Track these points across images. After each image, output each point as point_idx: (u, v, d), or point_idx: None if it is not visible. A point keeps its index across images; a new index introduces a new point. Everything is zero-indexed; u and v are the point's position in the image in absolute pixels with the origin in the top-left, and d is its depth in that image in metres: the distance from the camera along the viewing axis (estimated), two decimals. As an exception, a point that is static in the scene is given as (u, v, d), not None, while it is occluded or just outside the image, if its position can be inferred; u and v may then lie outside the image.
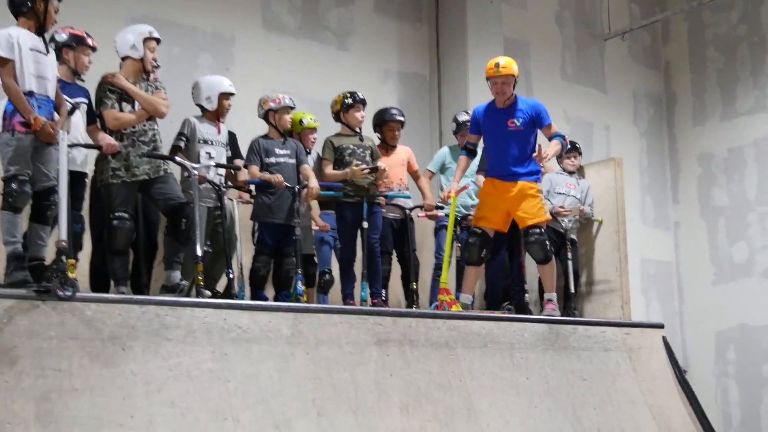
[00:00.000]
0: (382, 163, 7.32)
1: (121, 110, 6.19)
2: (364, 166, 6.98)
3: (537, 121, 6.96)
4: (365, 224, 7.04)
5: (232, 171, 6.90)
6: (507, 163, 6.86)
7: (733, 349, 11.52)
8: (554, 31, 11.58)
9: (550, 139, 6.89)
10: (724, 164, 11.97)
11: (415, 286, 7.44)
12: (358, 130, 7.28)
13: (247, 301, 6.07)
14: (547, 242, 6.93)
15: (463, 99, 9.83)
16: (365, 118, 7.48)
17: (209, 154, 6.74)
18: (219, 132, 6.86)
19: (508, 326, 6.64)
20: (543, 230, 6.93)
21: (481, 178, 7.34)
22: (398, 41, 10.17)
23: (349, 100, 7.23)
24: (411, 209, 7.64)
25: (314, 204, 7.52)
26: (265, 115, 7.11)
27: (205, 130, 6.81)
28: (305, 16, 9.50)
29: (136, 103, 6.23)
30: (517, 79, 7.03)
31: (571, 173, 8.44)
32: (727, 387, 11.39)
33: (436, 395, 6.00)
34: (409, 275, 7.52)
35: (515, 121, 6.95)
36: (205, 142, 6.77)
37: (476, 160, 7.53)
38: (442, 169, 8.12)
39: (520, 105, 7.02)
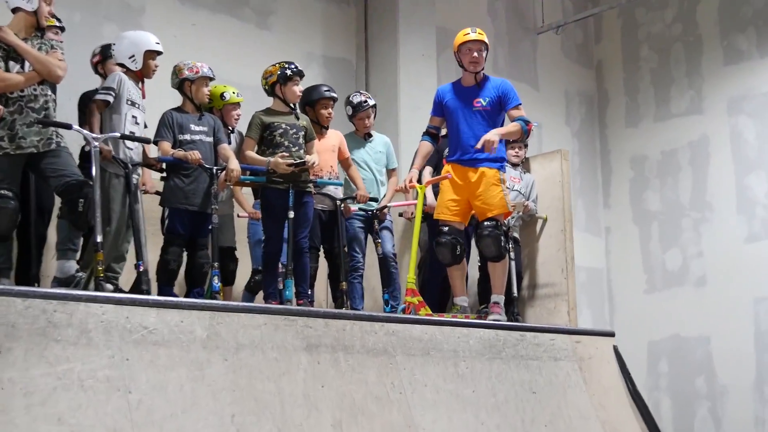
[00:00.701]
0: (314, 149, 6.49)
1: (7, 70, 5.24)
2: (290, 160, 6.11)
3: (504, 100, 6.33)
4: (291, 214, 6.18)
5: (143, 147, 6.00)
6: (470, 146, 6.18)
7: (665, 362, 11.06)
8: (486, 22, 10.96)
9: (513, 121, 6.22)
10: (658, 167, 11.56)
11: (344, 287, 6.64)
12: (293, 106, 6.43)
13: (155, 297, 5.14)
14: (502, 237, 6.23)
15: (392, 87, 9.22)
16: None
17: (135, 118, 5.84)
18: (143, 96, 5.96)
19: (452, 332, 5.90)
20: (499, 223, 6.25)
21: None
22: (323, 23, 9.47)
23: (288, 71, 6.37)
24: (342, 200, 6.84)
25: (247, 190, 6.73)
26: (180, 85, 6.21)
27: (131, 89, 5.92)
28: None
29: (27, 64, 5.29)
30: (487, 52, 6.34)
31: (515, 165, 7.76)
32: (659, 401, 10.90)
33: (373, 410, 5.21)
34: (339, 274, 6.72)
35: (481, 100, 6.33)
36: (132, 104, 5.87)
37: None
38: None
39: (489, 84, 6.41)
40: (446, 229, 6.34)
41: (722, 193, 10.85)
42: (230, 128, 6.69)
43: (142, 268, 5.52)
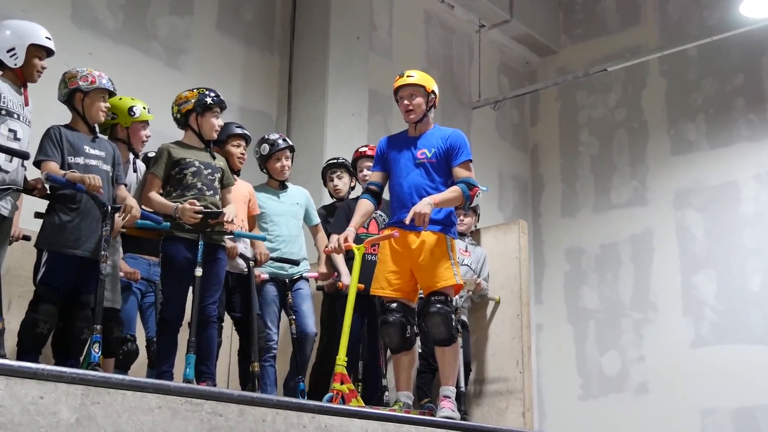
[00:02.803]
0: (231, 198, 5.34)
1: None
2: (199, 207, 4.94)
3: (450, 153, 5.27)
4: (199, 272, 4.94)
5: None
6: (411, 206, 5.10)
7: (601, 479, 10.02)
8: None
9: (456, 183, 5.18)
10: (596, 261, 10.87)
11: (257, 368, 5.38)
12: (209, 141, 5.31)
13: (4, 361, 3.72)
14: (453, 316, 5.09)
15: (317, 145, 8.27)
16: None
17: (14, 133, 4.55)
18: (27, 104, 4.68)
19: (398, 429, 4.65)
20: (448, 298, 5.11)
21: None
22: (243, 69, 8.48)
23: (208, 99, 5.27)
24: (253, 261, 5.67)
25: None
26: (69, 98, 4.96)
27: (8, 95, 4.61)
28: (129, 18, 7.67)
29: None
30: (434, 100, 5.37)
31: (462, 236, 6.69)
32: None
33: None
34: (250, 352, 5.45)
35: (426, 151, 5.28)
36: (9, 114, 4.56)
37: None
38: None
39: (436, 133, 5.36)
40: (394, 305, 5.18)
41: (667, 293, 10.21)
42: (136, 152, 5.46)
43: (1, 325, 4.18)
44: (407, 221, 4.96)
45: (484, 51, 11.02)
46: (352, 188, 6.67)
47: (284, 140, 6.19)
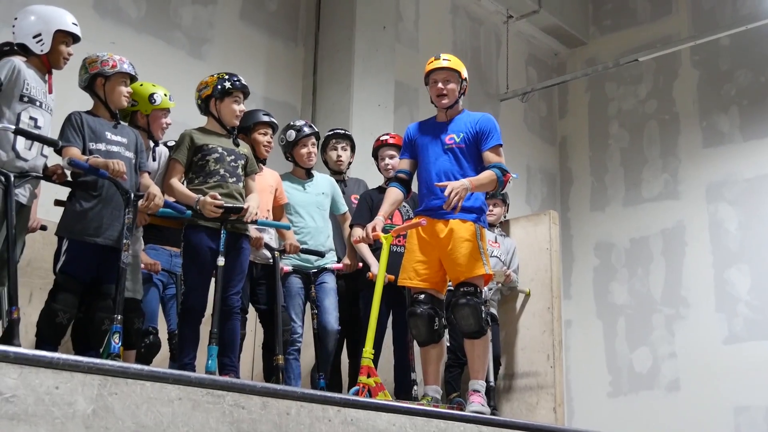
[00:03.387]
0: (254, 188, 5.24)
1: None
2: (220, 201, 4.81)
3: (480, 137, 5.13)
4: (221, 261, 4.82)
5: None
6: (441, 193, 4.98)
7: (631, 475, 9.82)
8: None
9: (487, 167, 5.04)
10: (626, 256, 10.68)
11: (281, 361, 5.25)
12: (232, 127, 5.20)
13: (18, 349, 3.60)
14: (483, 308, 4.95)
15: None
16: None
17: (35, 121, 4.45)
18: (50, 91, 4.58)
19: (427, 424, 4.49)
20: (478, 289, 4.97)
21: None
22: (266, 60, 8.36)
23: (228, 84, 5.15)
24: (280, 251, 5.55)
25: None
26: (90, 83, 4.84)
27: (32, 81, 4.50)
28: (152, 7, 7.60)
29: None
30: (465, 86, 5.26)
31: (491, 226, 6.55)
32: None
33: None
34: (274, 345, 5.32)
35: (454, 136, 5.16)
36: (31, 101, 4.46)
37: None
38: None
39: (464, 118, 5.24)
40: (422, 296, 5.04)
41: (699, 288, 10.02)
42: (156, 140, 5.35)
43: (15, 315, 4.07)
44: (446, 193, 4.80)
45: (512, 42, 10.86)
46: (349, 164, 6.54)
47: (310, 126, 6.08)
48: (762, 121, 9.97)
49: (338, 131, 6.58)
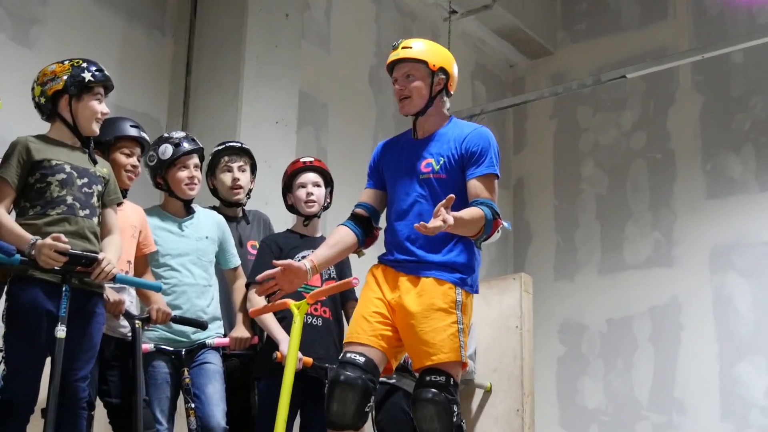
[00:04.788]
0: (115, 226, 5.12)
1: None
2: (64, 246, 4.62)
3: (467, 160, 5.05)
4: (61, 332, 4.61)
5: None
6: (410, 238, 4.98)
7: None
8: (365, 91, 10.22)
9: (471, 204, 4.96)
10: (602, 343, 10.90)
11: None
12: (87, 138, 5.08)
13: None
14: (455, 408, 4.88)
15: None
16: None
17: None
18: None
19: None
20: (451, 380, 4.89)
21: None
22: (120, 54, 8.29)
23: (87, 75, 5.01)
24: (143, 320, 5.38)
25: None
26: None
27: None
28: None
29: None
30: (444, 81, 5.16)
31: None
32: None
33: None
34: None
35: (432, 162, 5.08)
36: None
37: None
38: None
39: (449, 133, 5.14)
40: (361, 359, 4.86)
41: (699, 388, 10.20)
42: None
43: None
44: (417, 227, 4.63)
45: (455, 47, 10.83)
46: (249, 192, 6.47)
47: (192, 140, 5.96)
48: (785, 164, 10.23)
49: (232, 144, 6.49)
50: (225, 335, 5.89)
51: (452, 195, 4.64)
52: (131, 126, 5.62)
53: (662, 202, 10.76)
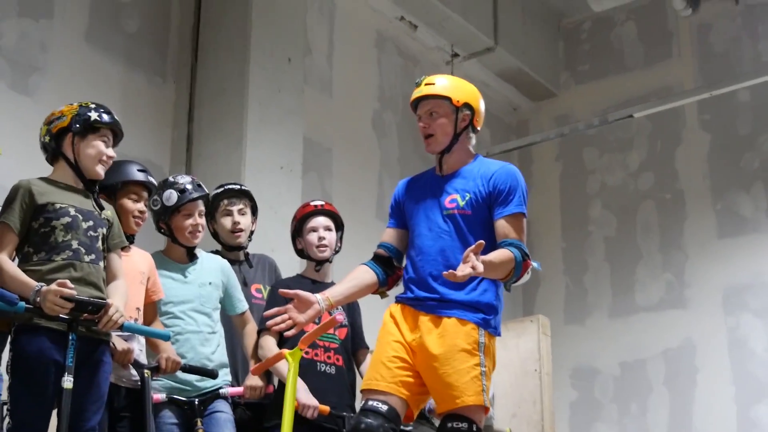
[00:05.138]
0: (120, 272, 5.01)
1: None
2: (70, 292, 4.53)
3: (494, 199, 4.94)
4: (68, 382, 4.50)
5: None
6: (432, 275, 4.84)
7: None
8: (371, 139, 10.18)
9: (499, 244, 4.86)
10: (615, 387, 10.81)
11: None
12: (92, 182, 5.00)
13: None
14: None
15: None
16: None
17: None
18: None
19: None
20: (474, 426, 4.74)
21: None
22: (122, 101, 8.23)
23: (93, 114, 4.95)
24: (152, 369, 5.28)
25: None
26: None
27: None
28: None
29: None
30: (469, 117, 5.03)
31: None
32: None
33: None
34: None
35: (457, 197, 4.96)
36: None
37: None
38: None
39: (475, 170, 5.04)
40: (383, 407, 4.73)
41: (717, 430, 10.05)
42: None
43: None
44: (446, 274, 4.54)
45: None
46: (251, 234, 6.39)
47: (198, 187, 5.85)
48: (798, 201, 10.21)
49: (231, 187, 6.40)
50: (231, 383, 5.80)
51: (482, 241, 4.51)
52: (138, 170, 5.54)
53: (673, 243, 10.73)
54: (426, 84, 5.03)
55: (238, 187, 6.42)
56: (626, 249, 10.94)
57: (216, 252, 6.28)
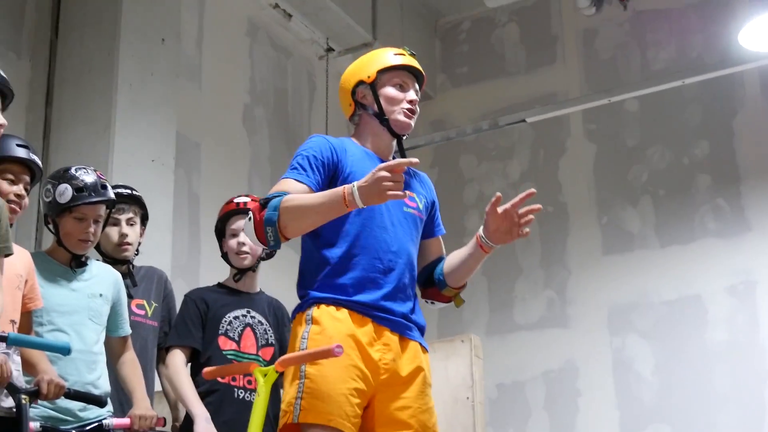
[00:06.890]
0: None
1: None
2: None
3: (433, 214, 4.70)
4: None
5: None
6: (393, 280, 4.26)
7: None
8: (239, 131, 9.51)
9: (437, 260, 4.78)
10: (492, 410, 10.05)
11: None
12: None
13: None
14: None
15: None
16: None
17: None
18: None
19: None
20: None
21: None
22: None
23: None
24: (31, 393, 4.48)
25: None
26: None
27: None
28: None
29: None
30: None
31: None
32: None
33: None
34: None
35: (416, 197, 4.53)
36: None
37: None
38: None
39: (411, 171, 4.68)
40: None
41: None
42: None
43: None
44: None
45: (333, 86, 10.26)
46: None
47: (103, 188, 5.08)
48: (686, 219, 9.91)
49: (120, 191, 5.63)
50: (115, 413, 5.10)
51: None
52: (18, 145, 4.74)
53: (555, 258, 10.40)
54: (412, 54, 4.68)
55: (129, 192, 5.69)
56: (505, 263, 10.47)
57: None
